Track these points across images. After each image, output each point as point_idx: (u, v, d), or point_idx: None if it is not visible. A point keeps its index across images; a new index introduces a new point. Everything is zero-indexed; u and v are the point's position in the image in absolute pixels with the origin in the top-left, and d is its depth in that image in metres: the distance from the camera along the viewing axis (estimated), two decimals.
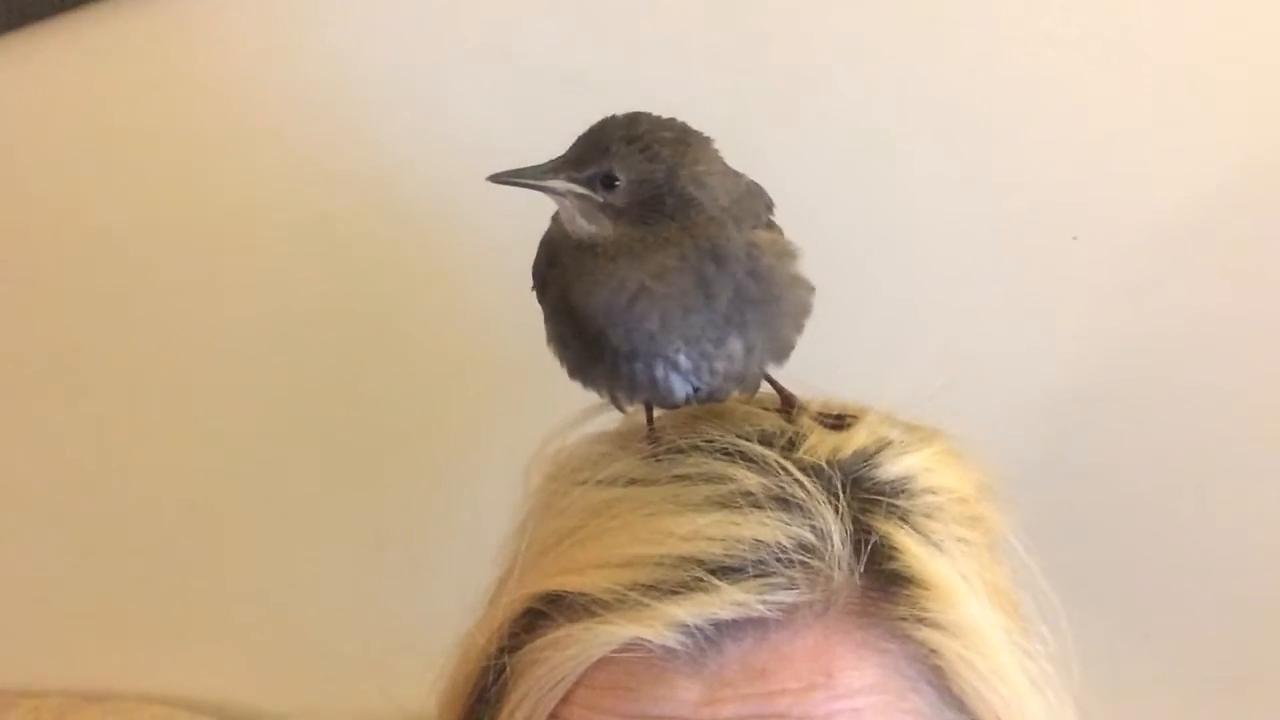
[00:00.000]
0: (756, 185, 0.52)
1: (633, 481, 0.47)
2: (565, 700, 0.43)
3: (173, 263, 0.80)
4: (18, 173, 0.80)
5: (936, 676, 0.43)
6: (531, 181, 0.48)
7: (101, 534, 0.85)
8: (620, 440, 0.52)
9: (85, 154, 0.79)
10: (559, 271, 0.49)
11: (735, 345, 0.48)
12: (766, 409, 0.52)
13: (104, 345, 0.83)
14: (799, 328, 0.51)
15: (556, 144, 0.49)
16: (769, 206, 0.53)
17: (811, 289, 0.51)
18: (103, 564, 0.86)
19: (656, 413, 0.53)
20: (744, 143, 0.52)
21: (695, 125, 0.52)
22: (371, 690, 0.79)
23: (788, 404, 0.52)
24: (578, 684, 0.42)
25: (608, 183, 0.47)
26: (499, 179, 0.48)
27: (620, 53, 0.71)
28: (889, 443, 0.48)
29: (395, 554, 0.82)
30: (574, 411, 0.55)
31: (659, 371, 0.48)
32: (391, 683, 0.80)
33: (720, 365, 0.48)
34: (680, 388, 0.49)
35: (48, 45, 0.77)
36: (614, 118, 0.48)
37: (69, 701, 0.82)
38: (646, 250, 0.46)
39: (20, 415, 0.85)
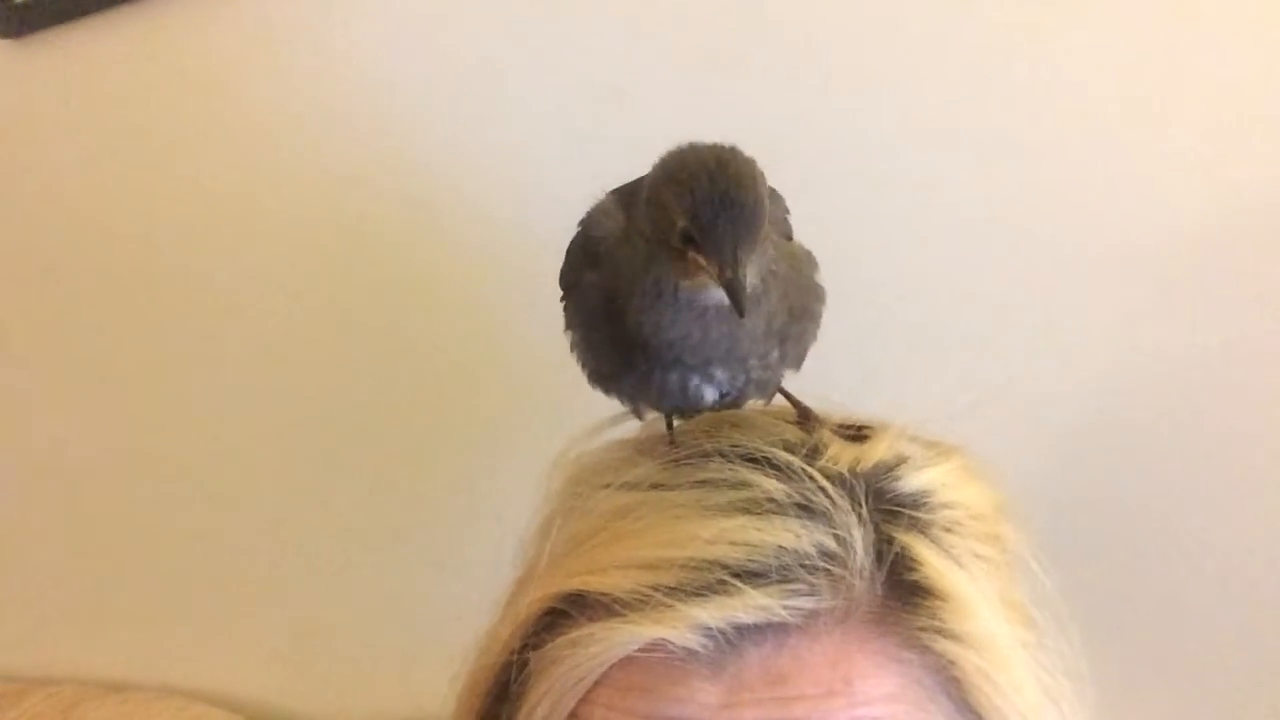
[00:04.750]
0: (773, 189, 0.52)
1: (656, 486, 0.47)
2: (585, 699, 0.43)
3: (194, 261, 0.81)
4: (50, 170, 0.81)
5: (954, 688, 0.43)
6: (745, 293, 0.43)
7: (121, 526, 0.86)
8: (642, 446, 0.52)
9: (114, 154, 0.80)
10: (602, 278, 0.49)
11: (774, 355, 0.49)
12: (787, 421, 0.52)
13: (132, 342, 0.84)
14: (815, 336, 0.52)
15: (592, 154, 0.50)
16: (787, 211, 0.53)
17: (824, 298, 0.52)
18: (121, 556, 0.87)
19: (676, 420, 0.53)
20: (771, 159, 0.52)
21: (726, 138, 0.52)
22: (387, 687, 0.79)
23: (804, 416, 0.52)
24: (598, 683, 0.43)
25: None
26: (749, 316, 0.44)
27: (655, 65, 0.72)
28: (908, 457, 0.49)
29: (414, 552, 0.83)
30: (596, 419, 0.56)
31: (693, 382, 0.49)
32: (408, 680, 0.81)
33: (755, 374, 0.49)
34: (710, 395, 0.50)
35: (81, 45, 0.78)
36: (724, 176, 0.44)
37: (84, 690, 0.82)
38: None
39: (40, 406, 0.86)
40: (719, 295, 0.44)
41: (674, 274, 0.45)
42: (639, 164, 0.49)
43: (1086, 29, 0.68)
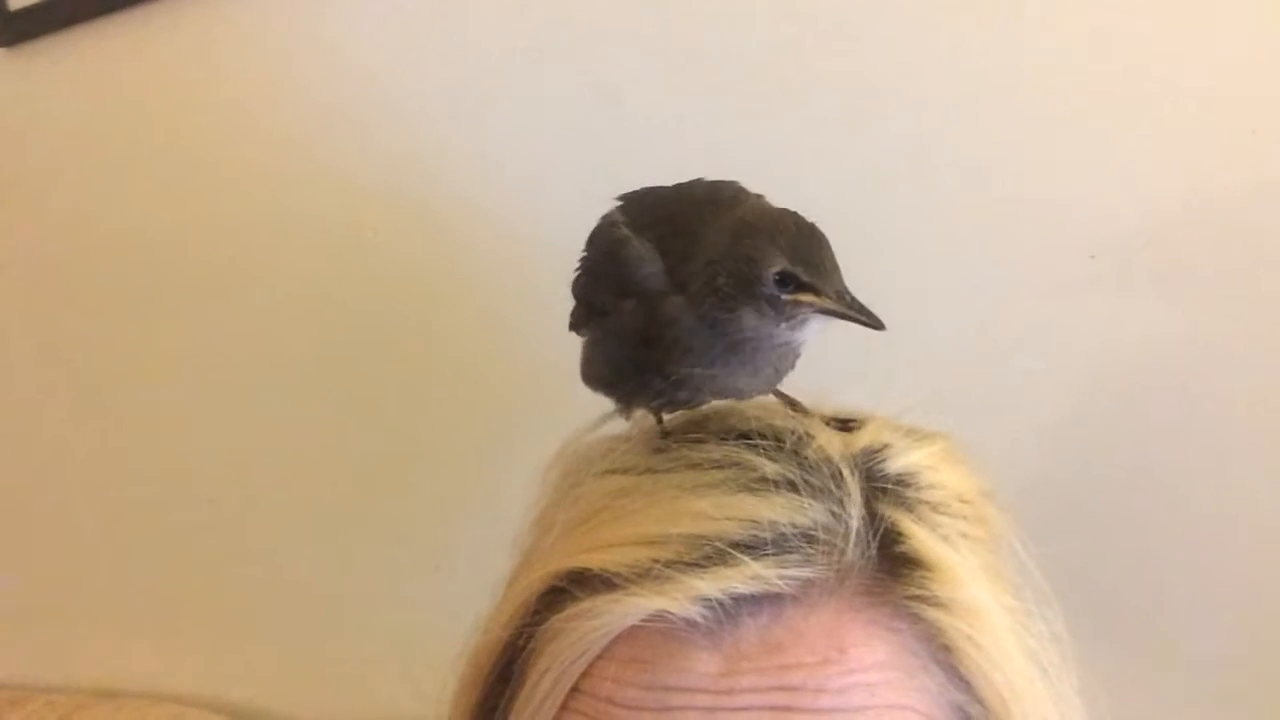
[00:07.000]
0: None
1: (651, 469, 0.48)
2: (587, 673, 0.44)
3: (191, 264, 0.82)
4: (46, 176, 0.82)
5: (945, 656, 0.44)
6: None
7: (117, 532, 0.86)
8: (635, 435, 0.53)
9: (110, 160, 0.81)
10: (640, 311, 0.50)
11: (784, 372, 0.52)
12: (774, 410, 0.53)
13: (129, 346, 0.84)
14: None
15: (586, 156, 0.50)
16: None
17: None
18: (117, 563, 0.87)
19: (665, 414, 0.54)
20: (766, 154, 0.52)
21: (719, 137, 0.51)
22: (382, 692, 0.79)
23: (792, 406, 0.53)
24: (600, 657, 0.44)
25: None
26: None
27: (650, 66, 0.73)
28: (893, 441, 0.50)
29: (409, 555, 0.83)
30: (590, 419, 0.57)
31: (699, 398, 0.51)
32: (402, 685, 0.81)
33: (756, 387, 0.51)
34: (709, 403, 0.52)
35: (77, 52, 0.79)
36: (800, 221, 0.49)
37: (79, 697, 0.82)
38: None
39: (39, 410, 0.86)
40: (805, 335, 0.49)
41: (766, 320, 0.48)
42: (635, 163, 0.50)
43: (1082, 27, 0.69)
